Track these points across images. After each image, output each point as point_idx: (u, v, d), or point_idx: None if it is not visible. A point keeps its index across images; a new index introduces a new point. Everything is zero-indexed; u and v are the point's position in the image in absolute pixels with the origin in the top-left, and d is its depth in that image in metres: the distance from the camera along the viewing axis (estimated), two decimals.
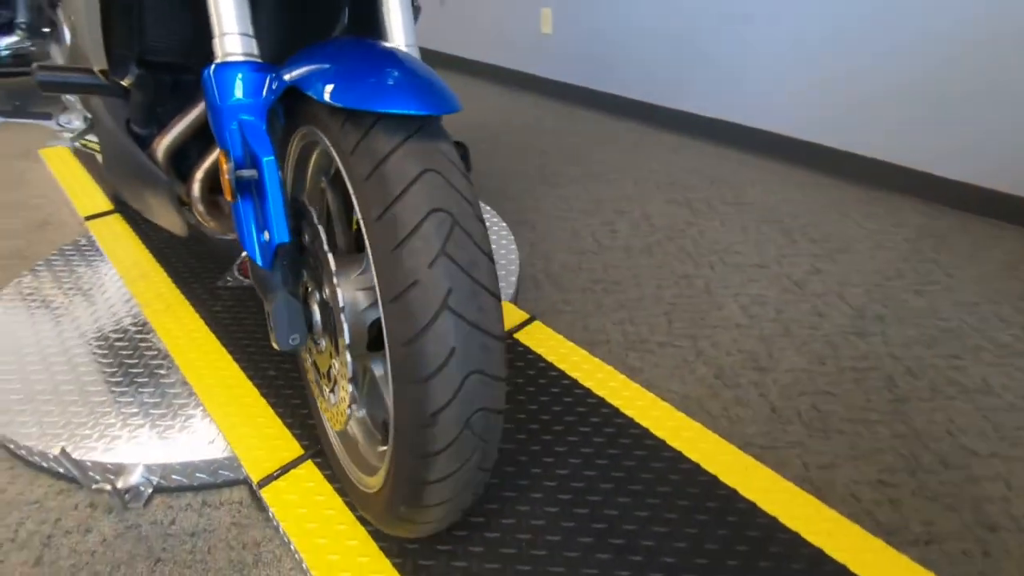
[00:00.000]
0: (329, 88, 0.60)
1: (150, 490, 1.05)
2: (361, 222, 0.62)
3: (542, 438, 1.04)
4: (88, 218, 1.72)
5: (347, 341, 0.74)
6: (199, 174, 0.94)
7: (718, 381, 1.26)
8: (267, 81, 0.74)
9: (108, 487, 0.99)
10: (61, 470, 1.07)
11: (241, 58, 0.73)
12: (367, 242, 0.62)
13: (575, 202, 2.01)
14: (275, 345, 0.75)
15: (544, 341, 1.26)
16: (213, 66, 0.73)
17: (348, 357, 0.74)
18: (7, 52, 2.64)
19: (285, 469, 0.98)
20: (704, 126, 2.50)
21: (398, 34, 0.80)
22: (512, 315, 1.33)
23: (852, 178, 2.11)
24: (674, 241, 1.78)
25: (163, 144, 0.97)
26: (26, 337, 1.32)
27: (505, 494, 0.94)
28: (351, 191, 0.64)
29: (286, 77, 0.69)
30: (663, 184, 2.13)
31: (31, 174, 2.27)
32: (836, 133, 2.12)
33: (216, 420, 1.07)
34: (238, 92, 0.72)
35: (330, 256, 0.74)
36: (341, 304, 0.73)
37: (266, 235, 0.73)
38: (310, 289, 0.83)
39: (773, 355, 1.33)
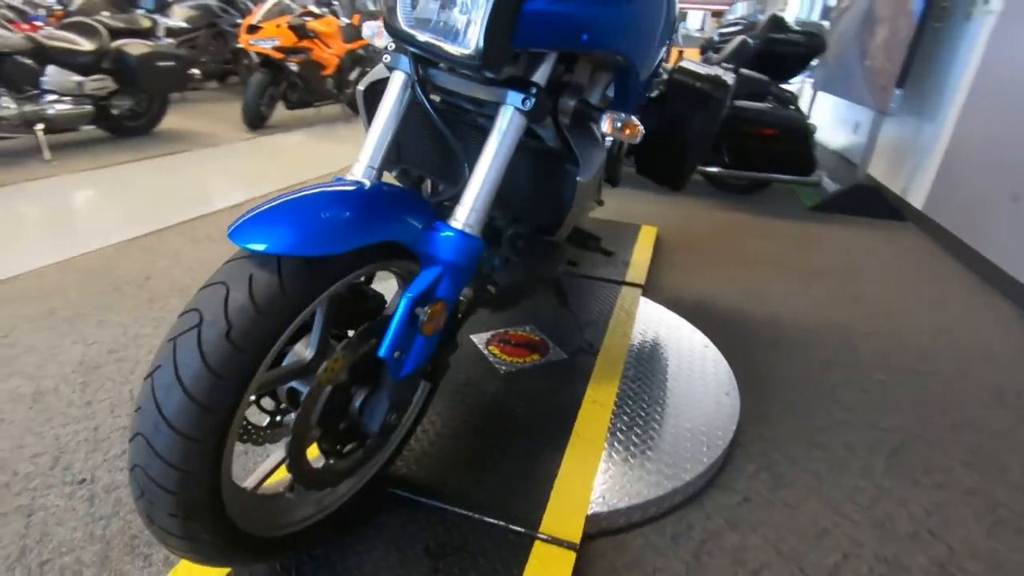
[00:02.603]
0: (243, 212, 0.77)
1: None
2: None
3: None
4: None
5: None
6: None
7: None
8: None
9: None
10: None
11: (354, 179, 0.93)
12: None
13: (889, 523, 1.28)
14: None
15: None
16: (335, 178, 0.95)
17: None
18: None
19: None
20: None
21: (463, 210, 0.92)
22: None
23: None
24: None
25: None
26: None
27: None
28: None
29: None
30: None
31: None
32: None
33: None
34: None
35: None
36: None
37: None
38: None
39: None
